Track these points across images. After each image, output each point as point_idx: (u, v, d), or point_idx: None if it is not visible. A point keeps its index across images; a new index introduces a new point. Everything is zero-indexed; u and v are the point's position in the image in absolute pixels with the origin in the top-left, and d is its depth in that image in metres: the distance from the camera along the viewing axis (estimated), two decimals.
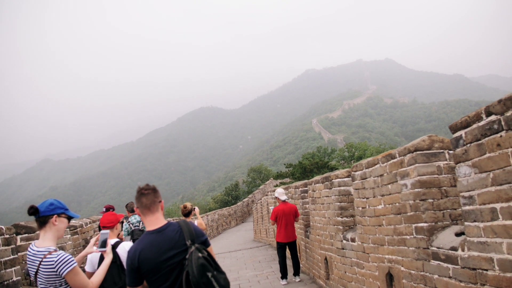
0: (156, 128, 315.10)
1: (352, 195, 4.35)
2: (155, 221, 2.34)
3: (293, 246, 6.54)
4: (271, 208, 6.87)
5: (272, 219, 6.44)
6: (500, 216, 2.03)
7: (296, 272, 6.55)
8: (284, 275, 6.46)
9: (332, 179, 4.73)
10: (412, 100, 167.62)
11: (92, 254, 3.30)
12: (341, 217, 4.56)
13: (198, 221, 5.71)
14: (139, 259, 2.22)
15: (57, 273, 2.37)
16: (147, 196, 2.35)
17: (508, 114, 1.94)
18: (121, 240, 3.45)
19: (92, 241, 3.22)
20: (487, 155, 2.09)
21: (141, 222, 6.95)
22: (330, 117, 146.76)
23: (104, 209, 6.24)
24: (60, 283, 2.42)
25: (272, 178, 35.42)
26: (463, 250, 2.38)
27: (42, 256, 2.39)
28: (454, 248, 2.48)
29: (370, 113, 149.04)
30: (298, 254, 6.83)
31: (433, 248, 2.73)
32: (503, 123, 1.97)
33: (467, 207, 2.28)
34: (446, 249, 2.57)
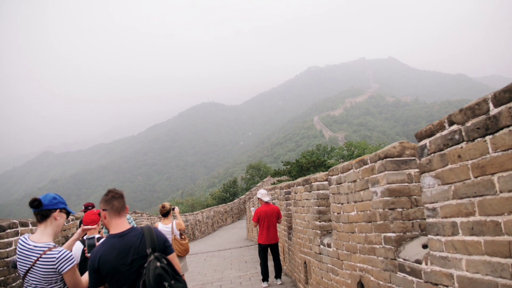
0: (157, 122, 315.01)
1: None
2: (120, 225, 2.41)
3: (275, 248, 6.42)
4: (252, 209, 6.77)
5: (254, 220, 6.33)
6: (460, 231, 1.93)
7: (278, 275, 6.43)
8: (265, 278, 6.35)
9: (311, 182, 4.63)
10: (414, 99, 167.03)
11: (75, 251, 3.40)
12: (319, 221, 4.46)
13: (177, 221, 5.60)
14: (99, 261, 2.29)
15: (57, 270, 2.35)
16: (118, 200, 2.43)
17: (468, 124, 1.84)
18: (101, 237, 3.54)
19: (76, 236, 3.17)
20: (449, 166, 1.99)
21: None
22: (331, 115, 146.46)
23: (83, 207, 6.15)
24: (55, 280, 2.39)
25: (270, 176, 35.31)
26: (426, 264, 2.28)
27: (41, 252, 2.36)
28: (418, 261, 2.39)
29: (371, 112, 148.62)
30: (282, 256, 6.74)
31: (400, 260, 2.64)
32: (463, 133, 1.87)
33: (430, 220, 2.19)
34: (411, 262, 2.48)
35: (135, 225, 6.99)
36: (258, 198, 6.46)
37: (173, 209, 5.83)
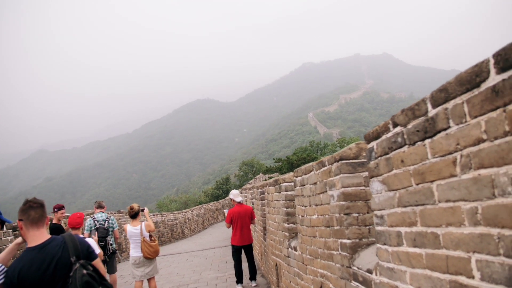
0: (152, 120, 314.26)
1: None
2: (39, 236, 2.29)
3: (249, 249, 6.24)
4: (226, 210, 6.60)
5: (227, 221, 6.16)
6: (404, 242, 1.78)
7: (252, 277, 6.27)
8: (239, 280, 6.20)
9: (280, 183, 4.47)
10: (409, 95, 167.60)
11: None
12: (288, 223, 4.31)
13: (146, 222, 5.43)
14: (19, 277, 2.15)
15: None
16: (36, 210, 2.28)
17: (409, 126, 1.68)
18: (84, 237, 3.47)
19: (17, 241, 2.97)
20: (394, 171, 1.83)
21: (106, 221, 6.65)
22: (326, 111, 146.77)
23: (56, 209, 5.96)
24: None
25: (261, 173, 35.17)
26: (376, 275, 2.13)
27: None
28: (369, 271, 2.24)
29: (366, 108, 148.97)
30: (259, 257, 6.58)
31: (354, 268, 2.49)
32: (405, 136, 1.71)
33: (379, 228, 2.03)
34: (363, 271, 2.33)
35: (117, 226, 6.85)
36: (231, 199, 6.30)
37: (142, 210, 5.67)
